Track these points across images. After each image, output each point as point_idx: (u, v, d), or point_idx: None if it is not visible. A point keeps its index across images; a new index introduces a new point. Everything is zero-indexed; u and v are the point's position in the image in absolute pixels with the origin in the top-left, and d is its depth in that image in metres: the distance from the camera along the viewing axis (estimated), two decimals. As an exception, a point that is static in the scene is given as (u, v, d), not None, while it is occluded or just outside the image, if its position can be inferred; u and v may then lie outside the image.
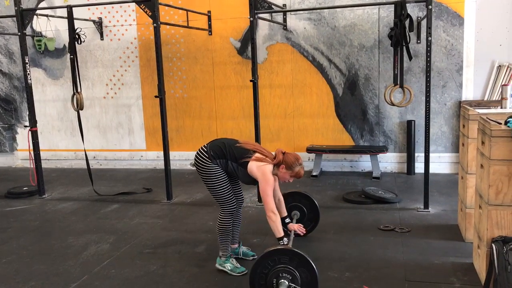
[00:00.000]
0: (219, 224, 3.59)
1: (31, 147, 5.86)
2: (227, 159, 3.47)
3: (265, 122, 6.69)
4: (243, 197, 3.80)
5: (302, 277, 2.95)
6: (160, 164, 6.86)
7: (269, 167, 3.43)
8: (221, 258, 3.61)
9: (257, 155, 3.46)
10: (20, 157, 7.89)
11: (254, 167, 3.42)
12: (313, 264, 2.95)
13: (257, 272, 2.99)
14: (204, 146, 3.56)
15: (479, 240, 3.31)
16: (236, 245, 3.83)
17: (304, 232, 3.91)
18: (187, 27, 6.44)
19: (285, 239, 3.38)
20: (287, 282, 2.91)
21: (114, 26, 7.17)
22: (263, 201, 3.40)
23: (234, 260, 3.63)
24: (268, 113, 6.76)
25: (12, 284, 3.50)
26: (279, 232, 3.37)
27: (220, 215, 3.58)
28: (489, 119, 3.13)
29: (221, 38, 6.81)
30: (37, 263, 3.89)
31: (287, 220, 3.88)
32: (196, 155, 3.53)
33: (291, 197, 4.17)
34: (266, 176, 3.38)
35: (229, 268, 3.55)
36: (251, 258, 3.78)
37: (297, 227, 3.88)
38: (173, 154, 6.71)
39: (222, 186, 3.49)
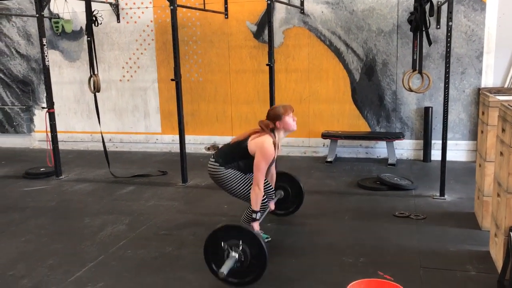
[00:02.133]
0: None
1: (48, 129, 5.92)
2: (236, 161, 3.49)
3: None
4: (272, 188, 3.82)
5: (252, 252, 3.01)
6: (175, 148, 6.89)
7: (268, 138, 3.39)
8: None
9: (252, 135, 3.45)
10: (37, 138, 7.98)
11: (252, 145, 3.41)
12: (261, 241, 3.01)
13: (210, 244, 3.09)
14: (211, 157, 3.59)
15: (496, 228, 3.28)
16: None
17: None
18: (204, 10, 6.40)
19: (258, 213, 3.41)
20: (236, 254, 2.98)
21: (131, 8, 7.16)
22: (254, 174, 3.39)
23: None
24: (284, 98, 6.72)
25: (31, 262, 3.57)
26: (257, 205, 3.38)
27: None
28: (511, 106, 3.07)
29: (237, 21, 6.76)
30: (55, 242, 3.96)
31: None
32: (208, 168, 3.57)
33: (278, 177, 4.09)
34: (264, 149, 3.34)
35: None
36: (266, 240, 3.79)
37: (272, 206, 3.85)
38: (188, 138, 6.72)
39: (243, 185, 3.53)
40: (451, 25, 4.45)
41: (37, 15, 5.66)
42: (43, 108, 6.19)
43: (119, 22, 7.23)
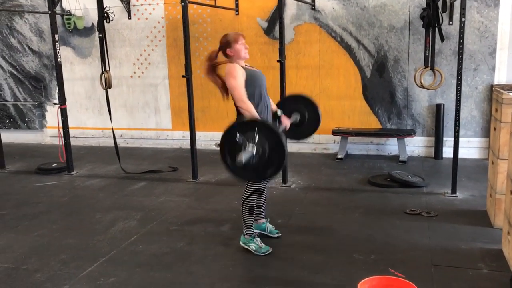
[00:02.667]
0: (244, 202, 3.55)
1: (60, 125, 5.97)
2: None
3: None
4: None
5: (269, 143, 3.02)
6: (186, 144, 6.90)
7: (230, 66, 3.43)
8: (245, 237, 3.62)
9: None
10: (49, 134, 8.05)
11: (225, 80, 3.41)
12: (277, 131, 3.07)
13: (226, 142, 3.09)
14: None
15: (509, 226, 3.25)
16: (263, 220, 3.86)
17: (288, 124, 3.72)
18: (215, 6, 6.40)
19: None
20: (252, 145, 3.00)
21: (142, 5, 7.18)
22: (232, 95, 3.37)
23: (258, 239, 3.62)
24: (294, 94, 6.70)
25: (44, 257, 3.61)
26: (254, 115, 3.30)
27: (246, 192, 3.54)
28: (525, 103, 3.04)
29: (248, 17, 6.76)
30: (67, 237, 3.99)
31: (279, 112, 3.73)
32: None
33: (293, 101, 3.96)
34: (226, 73, 3.38)
35: (254, 248, 3.55)
36: (276, 235, 3.81)
37: (287, 122, 3.72)
38: (198, 134, 6.72)
39: None
40: (464, 21, 4.40)
41: (49, 12, 5.69)
42: (55, 104, 6.24)
43: (130, 18, 7.26)
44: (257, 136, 2.99)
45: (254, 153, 2.98)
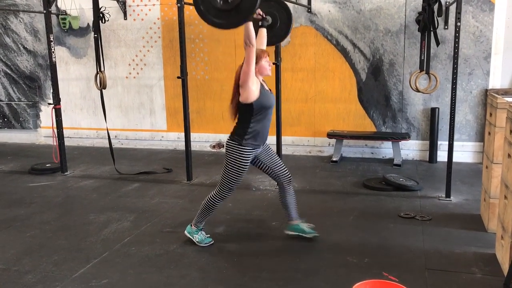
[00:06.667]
0: (209, 201, 3.65)
1: (55, 125, 5.94)
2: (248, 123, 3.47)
3: (286, 106, 6.64)
4: (288, 173, 3.74)
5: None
6: (180, 145, 6.89)
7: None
8: (192, 227, 3.77)
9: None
10: (43, 134, 8.01)
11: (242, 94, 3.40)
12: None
13: None
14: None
15: (503, 231, 3.26)
16: (298, 221, 3.83)
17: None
18: (211, 8, 6.38)
19: None
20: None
21: (138, 5, 7.17)
22: (242, 73, 3.33)
23: (203, 232, 3.77)
24: (289, 97, 6.72)
25: (36, 258, 3.58)
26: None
27: (215, 194, 3.62)
28: (519, 108, 3.04)
29: (244, 20, 6.74)
30: (60, 238, 3.97)
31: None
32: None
33: (266, 4, 4.00)
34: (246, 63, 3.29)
35: (197, 239, 3.73)
36: (310, 235, 3.78)
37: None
38: (193, 136, 6.71)
39: (239, 173, 3.53)
40: (460, 26, 4.42)
41: (45, 11, 5.67)
42: (49, 104, 6.21)
43: (126, 19, 7.24)
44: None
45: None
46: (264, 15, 3.74)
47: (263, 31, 3.75)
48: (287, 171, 3.73)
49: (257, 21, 3.71)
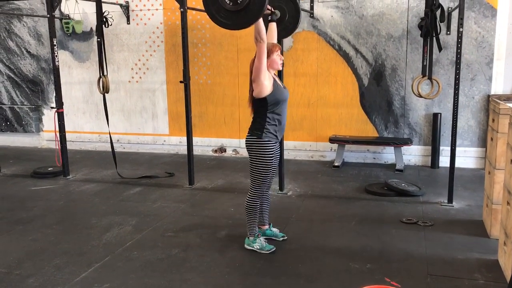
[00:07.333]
0: (247, 206, 3.65)
1: (57, 129, 5.95)
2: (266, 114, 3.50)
3: (288, 110, 6.47)
4: (273, 179, 3.80)
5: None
6: (183, 149, 6.89)
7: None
8: (249, 238, 3.69)
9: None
10: (45, 138, 8.03)
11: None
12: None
13: None
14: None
15: (505, 237, 3.25)
16: (267, 226, 3.90)
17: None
18: (213, 12, 6.40)
19: None
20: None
21: (141, 10, 7.19)
22: (255, 68, 3.38)
23: (262, 239, 3.70)
24: (292, 101, 6.71)
25: (37, 261, 3.58)
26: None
27: (249, 197, 3.64)
28: (522, 114, 3.04)
29: (246, 24, 6.76)
30: (62, 242, 3.97)
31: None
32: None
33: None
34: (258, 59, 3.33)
35: (258, 247, 3.64)
36: (281, 238, 3.87)
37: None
38: (195, 140, 6.73)
39: (266, 167, 3.54)
40: (462, 31, 4.42)
41: (48, 16, 5.69)
42: (52, 108, 6.23)
43: (129, 23, 7.27)
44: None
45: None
46: (272, 10, 3.78)
47: (273, 25, 3.80)
48: (273, 177, 3.78)
49: (266, 16, 3.75)
